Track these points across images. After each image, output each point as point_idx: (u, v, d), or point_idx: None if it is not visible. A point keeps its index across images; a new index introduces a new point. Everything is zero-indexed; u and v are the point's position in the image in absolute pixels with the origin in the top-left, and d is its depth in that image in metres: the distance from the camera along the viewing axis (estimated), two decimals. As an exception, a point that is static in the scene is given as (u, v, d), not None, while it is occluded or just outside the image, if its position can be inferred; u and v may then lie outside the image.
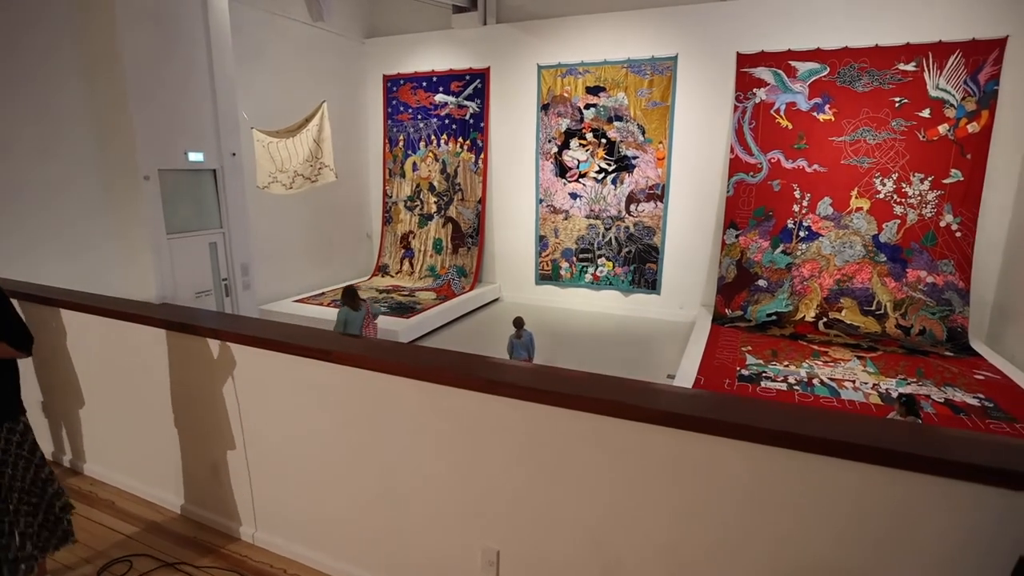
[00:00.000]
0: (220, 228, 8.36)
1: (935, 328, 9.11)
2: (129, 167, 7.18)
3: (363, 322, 7.59)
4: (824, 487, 2.13)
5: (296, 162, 8.87)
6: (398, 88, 13.41)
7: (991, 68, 8.75)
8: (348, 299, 7.53)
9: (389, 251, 13.95)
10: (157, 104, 7.31)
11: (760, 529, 2.27)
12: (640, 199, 11.50)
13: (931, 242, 9.34)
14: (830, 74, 9.64)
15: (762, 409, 2.38)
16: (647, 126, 11.18)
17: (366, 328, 7.64)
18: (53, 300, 4.40)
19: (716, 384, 7.52)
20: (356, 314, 7.49)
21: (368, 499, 3.28)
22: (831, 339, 9.35)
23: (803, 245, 10.13)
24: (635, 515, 2.51)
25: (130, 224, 7.37)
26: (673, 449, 2.36)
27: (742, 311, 10.35)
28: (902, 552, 2.05)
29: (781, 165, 10.14)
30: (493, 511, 2.89)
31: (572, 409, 2.51)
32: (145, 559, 3.65)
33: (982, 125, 8.90)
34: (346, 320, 7.46)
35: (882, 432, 2.15)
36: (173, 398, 3.96)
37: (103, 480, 4.62)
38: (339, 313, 7.57)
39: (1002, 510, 1.89)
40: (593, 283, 12.23)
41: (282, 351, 3.30)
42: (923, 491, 1.98)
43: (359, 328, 7.53)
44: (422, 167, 13.43)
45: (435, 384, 2.84)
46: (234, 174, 8.42)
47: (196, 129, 7.86)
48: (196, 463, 3.99)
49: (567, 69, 11.61)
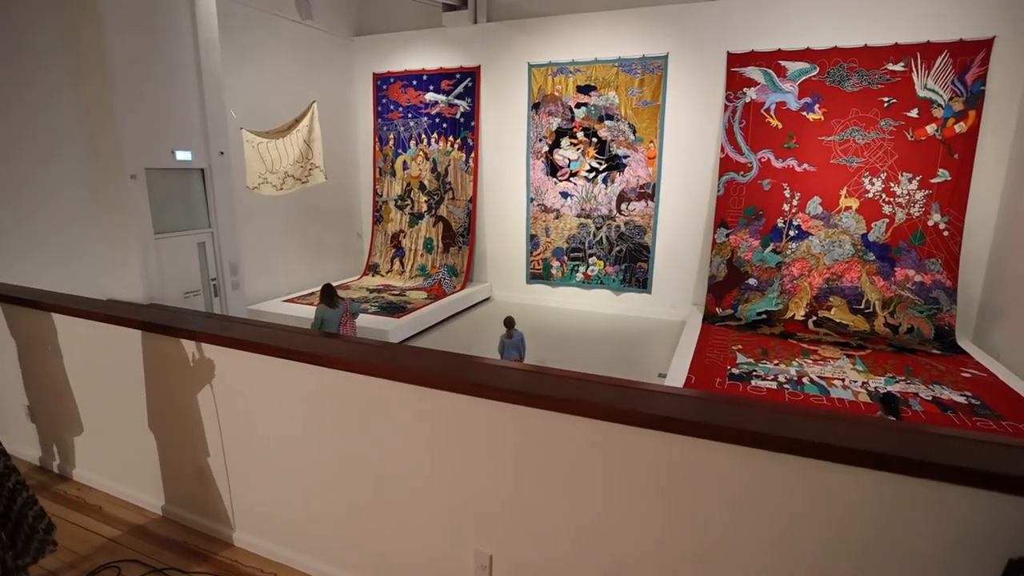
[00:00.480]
0: (208, 228, 8.30)
1: (923, 326, 9.16)
2: (116, 166, 7.11)
3: (341, 320, 7.59)
4: (816, 490, 2.13)
5: (286, 163, 8.82)
6: (388, 86, 13.36)
7: (978, 69, 8.80)
8: (325, 297, 7.54)
9: (379, 250, 13.91)
10: (144, 102, 7.25)
11: (752, 533, 2.26)
12: (631, 198, 11.51)
13: (919, 241, 9.39)
14: (820, 74, 9.68)
15: (755, 412, 2.37)
16: (638, 125, 11.19)
17: (343, 326, 7.64)
18: (40, 304, 4.36)
19: (707, 383, 7.54)
20: (333, 312, 7.49)
21: (359, 503, 3.26)
22: (820, 338, 9.39)
23: (793, 244, 10.16)
24: (628, 519, 2.50)
25: (117, 224, 7.31)
26: (665, 453, 2.35)
27: (732, 310, 10.38)
28: (893, 555, 2.05)
29: (771, 164, 10.17)
30: (485, 515, 2.87)
31: (564, 413, 2.50)
32: (134, 565, 3.61)
33: (969, 125, 8.95)
34: (323, 318, 7.47)
35: (873, 435, 2.15)
36: (158, 401, 3.92)
37: (91, 485, 4.57)
38: (316, 311, 7.57)
39: (992, 513, 1.89)
40: (584, 282, 12.24)
41: (273, 355, 3.28)
42: (914, 494, 1.98)
43: (336, 326, 7.52)
44: (412, 166, 13.39)
45: (425, 388, 2.83)
46: (222, 173, 8.36)
47: (184, 128, 7.80)
48: (183, 467, 3.95)
49: (558, 68, 11.60)
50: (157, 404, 3.96)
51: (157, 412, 3.98)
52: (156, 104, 7.43)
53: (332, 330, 7.49)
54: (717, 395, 2.78)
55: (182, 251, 7.98)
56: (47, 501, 4.35)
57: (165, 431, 3.99)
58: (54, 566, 3.61)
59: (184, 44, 7.74)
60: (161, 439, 4.03)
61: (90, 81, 7.01)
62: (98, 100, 7.02)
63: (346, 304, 7.80)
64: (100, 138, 7.13)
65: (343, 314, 7.66)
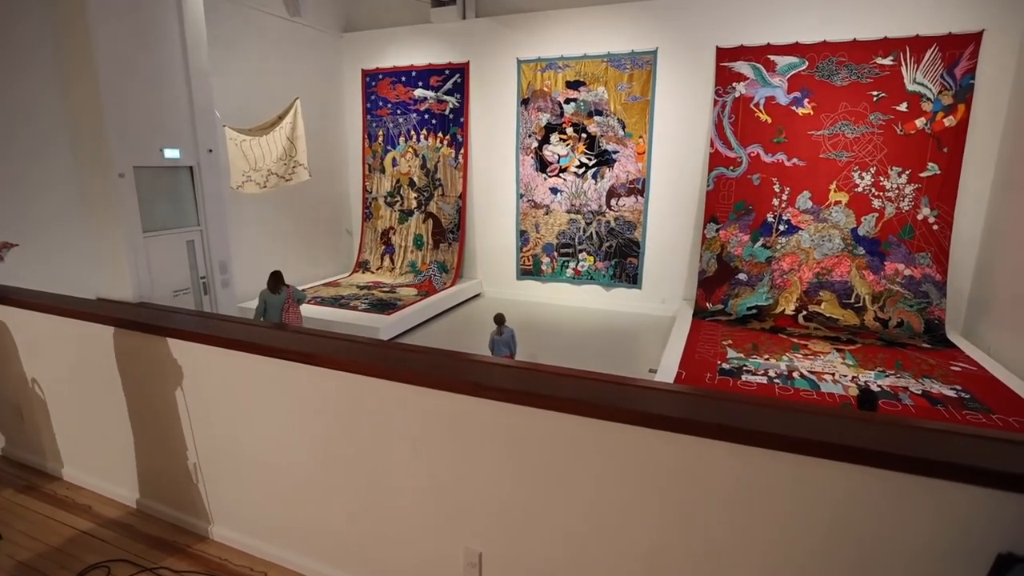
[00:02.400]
0: (197, 226, 8.24)
1: (913, 320, 9.19)
2: (104, 165, 7.04)
3: (283, 306, 7.63)
4: (808, 486, 2.13)
5: (270, 160, 8.75)
6: (377, 83, 13.31)
7: (967, 62, 8.82)
8: (270, 282, 7.59)
9: (369, 247, 13.87)
10: (132, 100, 7.17)
11: (745, 530, 2.26)
12: (621, 193, 11.50)
13: (909, 235, 9.42)
14: (809, 68, 9.68)
15: (746, 408, 2.38)
16: (627, 120, 11.18)
17: (286, 313, 7.70)
18: (27, 303, 4.34)
19: (697, 378, 7.55)
20: (276, 298, 7.54)
21: (348, 501, 3.25)
22: (810, 332, 9.42)
23: (783, 239, 10.18)
24: (618, 515, 2.50)
25: (106, 223, 7.23)
26: (656, 450, 2.35)
27: (723, 305, 10.40)
28: (884, 550, 2.05)
29: (761, 159, 10.18)
30: (475, 512, 2.87)
31: (554, 411, 2.49)
32: (123, 564, 3.60)
33: (958, 119, 8.97)
34: (266, 302, 7.54)
35: (864, 431, 2.15)
36: (145, 400, 3.91)
37: (80, 485, 4.55)
38: (260, 296, 7.64)
39: (981, 508, 1.89)
40: (574, 278, 12.23)
41: (263, 354, 3.26)
42: (905, 490, 1.98)
43: (279, 313, 7.60)
44: (402, 162, 13.34)
45: (415, 386, 2.82)
46: (211, 171, 8.30)
47: (172, 125, 7.73)
48: (171, 466, 3.93)
49: (547, 63, 11.58)
50: (144, 403, 3.94)
51: (144, 411, 3.97)
52: (144, 102, 7.35)
53: (275, 316, 7.58)
54: (708, 391, 2.78)
55: (171, 249, 7.91)
56: (36, 500, 4.34)
57: (153, 431, 3.97)
58: (43, 566, 3.58)
59: (171, 41, 7.67)
60: (149, 439, 4.01)
61: (77, 79, 6.93)
62: (85, 98, 6.95)
63: (290, 291, 7.84)
64: (88, 136, 7.05)
65: (286, 300, 7.70)
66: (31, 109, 6.79)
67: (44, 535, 3.91)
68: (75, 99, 7.03)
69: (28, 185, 6.76)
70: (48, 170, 6.94)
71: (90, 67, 6.82)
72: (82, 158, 7.14)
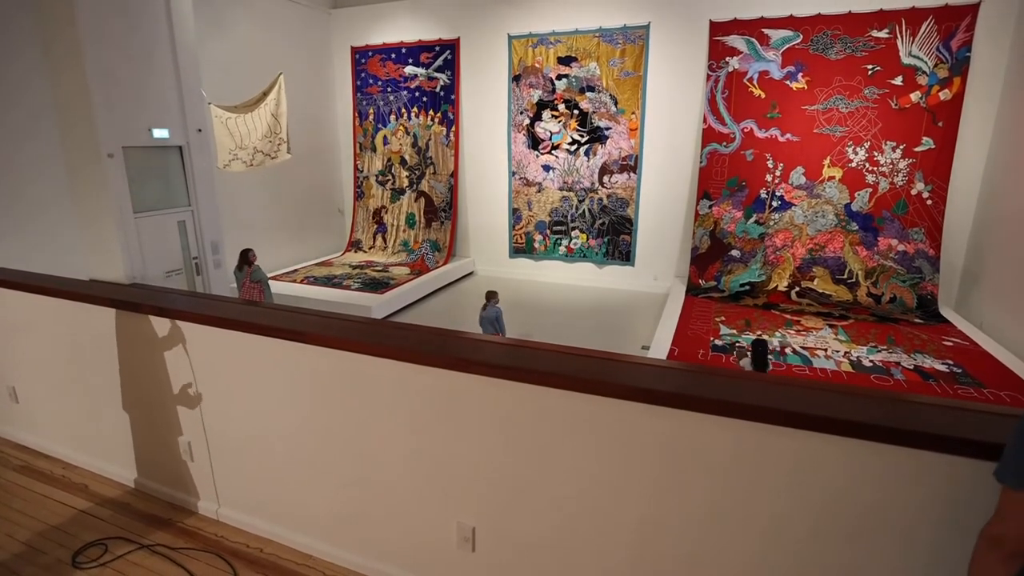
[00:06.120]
0: (188, 206, 8.19)
1: (905, 296, 9.23)
2: (92, 145, 6.95)
3: (242, 283, 8.01)
4: (801, 461, 2.14)
5: (255, 138, 8.66)
6: (367, 60, 13.18)
7: (963, 35, 8.76)
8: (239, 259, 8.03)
9: (361, 226, 13.82)
10: (118, 79, 7.08)
11: (738, 504, 2.27)
12: (613, 170, 11.47)
13: (902, 210, 9.42)
14: (803, 42, 9.62)
15: (738, 383, 2.38)
16: (619, 96, 11.12)
17: (243, 288, 8.00)
18: (21, 285, 4.34)
19: (690, 355, 7.57)
20: (240, 275, 7.88)
21: (342, 477, 3.26)
22: (803, 308, 9.45)
23: (776, 215, 10.18)
24: (611, 490, 2.51)
25: (96, 204, 7.15)
26: (648, 425, 2.35)
27: (716, 282, 10.41)
28: (877, 524, 2.07)
29: (754, 135, 10.15)
30: (468, 487, 2.88)
31: (546, 386, 2.49)
32: (120, 542, 3.61)
33: (954, 92, 8.93)
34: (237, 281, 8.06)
35: (857, 405, 2.16)
36: (138, 380, 3.90)
37: (76, 464, 4.55)
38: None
39: (972, 481, 1.90)
40: (567, 255, 12.22)
41: (255, 332, 3.26)
42: (898, 464, 2.00)
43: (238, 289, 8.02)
44: (393, 141, 13.26)
45: (407, 363, 2.82)
46: (201, 150, 8.23)
47: (160, 105, 7.65)
48: (165, 445, 3.93)
49: (538, 39, 11.47)
50: (137, 382, 3.94)
51: (136, 390, 3.96)
52: (131, 81, 7.26)
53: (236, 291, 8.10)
54: (701, 366, 2.78)
55: (162, 230, 7.88)
56: (34, 480, 4.34)
57: (145, 409, 3.97)
58: (41, 545, 3.59)
59: (158, 19, 7.56)
60: (142, 417, 4.01)
61: (63, 59, 6.82)
62: (72, 78, 6.84)
63: (249, 271, 8.08)
64: (75, 117, 6.92)
65: (244, 278, 8.05)
66: (17, 92, 6.71)
67: (42, 514, 3.92)
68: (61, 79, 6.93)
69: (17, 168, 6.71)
70: (37, 153, 6.89)
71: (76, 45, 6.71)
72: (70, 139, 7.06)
